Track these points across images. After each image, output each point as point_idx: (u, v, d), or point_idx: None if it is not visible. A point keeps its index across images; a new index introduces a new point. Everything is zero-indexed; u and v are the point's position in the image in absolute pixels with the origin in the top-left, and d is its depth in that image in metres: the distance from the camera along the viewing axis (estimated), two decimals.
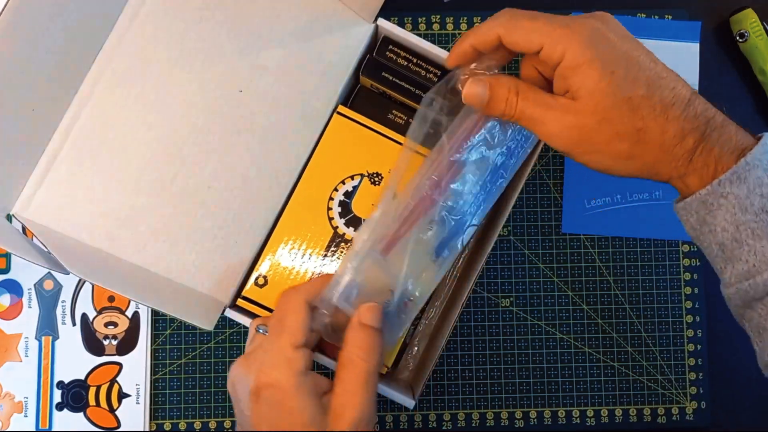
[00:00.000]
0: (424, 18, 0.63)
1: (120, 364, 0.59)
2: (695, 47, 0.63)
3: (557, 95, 0.41)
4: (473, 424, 0.60)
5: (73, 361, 0.59)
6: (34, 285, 0.60)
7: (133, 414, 0.59)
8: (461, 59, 0.43)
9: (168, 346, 0.60)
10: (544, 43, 0.39)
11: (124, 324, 0.60)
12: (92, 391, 0.59)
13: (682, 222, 0.42)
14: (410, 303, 0.45)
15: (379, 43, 0.53)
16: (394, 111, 0.53)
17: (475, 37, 0.42)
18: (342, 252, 0.50)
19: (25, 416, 0.59)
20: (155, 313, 0.60)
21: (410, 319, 0.46)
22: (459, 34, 0.63)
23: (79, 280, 0.60)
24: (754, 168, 0.38)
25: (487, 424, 0.60)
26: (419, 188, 0.45)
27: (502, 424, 0.60)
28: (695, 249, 0.61)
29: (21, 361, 0.59)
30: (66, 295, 0.60)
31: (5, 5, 0.43)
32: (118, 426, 0.59)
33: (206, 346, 0.60)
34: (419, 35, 0.51)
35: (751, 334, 0.42)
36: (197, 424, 0.59)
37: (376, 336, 0.42)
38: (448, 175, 0.44)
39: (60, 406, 0.59)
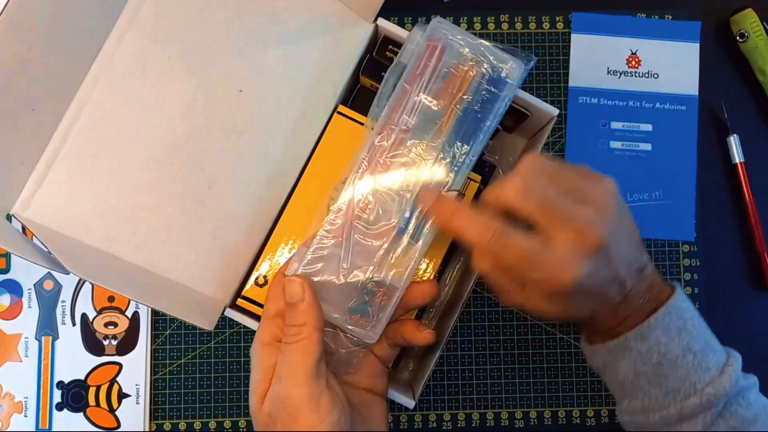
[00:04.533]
0: (424, 18, 0.63)
1: (120, 364, 0.59)
2: (695, 47, 0.63)
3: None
4: (473, 425, 0.60)
5: (73, 361, 0.59)
6: (34, 285, 0.60)
7: (133, 414, 0.59)
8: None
9: (168, 346, 0.60)
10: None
11: (124, 324, 0.60)
12: (92, 391, 0.59)
13: (587, 359, 0.48)
14: (387, 291, 0.43)
15: (379, 43, 0.53)
16: None
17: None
18: None
19: (25, 416, 0.59)
20: (155, 313, 0.60)
21: (389, 308, 0.43)
22: None
23: (79, 280, 0.60)
24: (655, 329, 0.43)
25: (487, 425, 0.60)
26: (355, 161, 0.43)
27: (502, 424, 0.60)
28: (695, 249, 0.61)
29: (21, 361, 0.59)
30: (66, 295, 0.60)
31: (5, 5, 0.43)
32: (118, 426, 0.59)
33: (206, 346, 0.60)
34: None
35: None
36: (197, 424, 0.59)
37: (294, 311, 0.42)
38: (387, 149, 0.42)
39: (60, 406, 0.59)
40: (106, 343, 0.60)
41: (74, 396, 0.59)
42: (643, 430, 0.45)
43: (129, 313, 0.60)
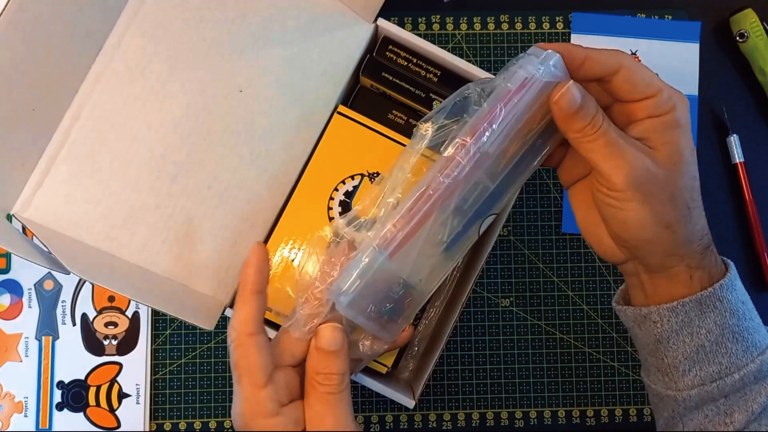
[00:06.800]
0: (424, 18, 0.63)
1: (120, 364, 0.60)
2: (695, 47, 0.63)
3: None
4: (473, 424, 0.60)
5: (73, 361, 0.59)
6: (34, 285, 0.60)
7: (133, 414, 0.59)
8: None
9: (168, 346, 0.60)
10: (661, 90, 0.38)
11: (124, 324, 0.60)
12: (92, 391, 0.59)
13: (649, 324, 0.42)
14: (415, 293, 0.44)
15: (379, 43, 0.53)
16: (394, 111, 0.53)
17: (591, 59, 0.38)
18: None
19: (25, 416, 0.59)
20: (155, 313, 0.60)
21: (413, 311, 0.45)
22: (459, 34, 0.63)
23: (79, 280, 0.60)
24: (737, 278, 0.42)
25: (487, 424, 0.60)
26: (431, 182, 0.41)
27: (502, 424, 0.60)
28: None
29: (21, 361, 0.59)
30: (66, 295, 0.60)
31: (5, 5, 0.43)
32: (118, 426, 0.59)
33: (206, 346, 0.60)
34: (419, 35, 0.51)
35: None
36: (197, 424, 0.59)
37: (333, 359, 0.41)
38: (467, 166, 0.40)
39: (60, 406, 0.59)
40: (106, 343, 0.60)
41: (74, 396, 0.59)
42: (699, 405, 0.42)
43: (129, 313, 0.60)
